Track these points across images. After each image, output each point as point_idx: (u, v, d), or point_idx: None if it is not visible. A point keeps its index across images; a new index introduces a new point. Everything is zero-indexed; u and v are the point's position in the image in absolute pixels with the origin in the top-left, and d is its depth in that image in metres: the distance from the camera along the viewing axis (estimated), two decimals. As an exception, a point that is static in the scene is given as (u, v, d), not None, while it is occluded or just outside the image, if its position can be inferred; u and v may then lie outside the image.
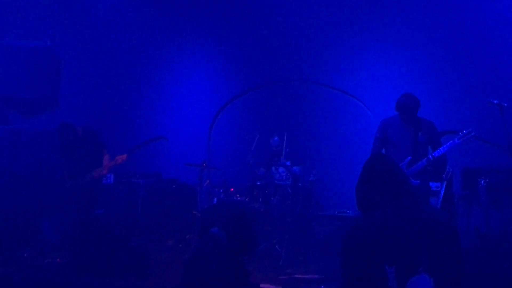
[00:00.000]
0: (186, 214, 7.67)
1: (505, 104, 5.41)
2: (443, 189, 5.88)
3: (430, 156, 5.12)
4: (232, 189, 7.10)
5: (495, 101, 5.41)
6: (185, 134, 8.69)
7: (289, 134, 7.26)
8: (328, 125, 7.95)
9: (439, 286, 2.17)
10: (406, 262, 2.17)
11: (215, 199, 7.14)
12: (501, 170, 6.07)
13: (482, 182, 5.93)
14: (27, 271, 5.37)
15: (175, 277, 4.50)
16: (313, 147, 7.51)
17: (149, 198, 7.81)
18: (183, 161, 7.98)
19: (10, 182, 6.67)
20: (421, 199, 5.19)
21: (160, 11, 8.59)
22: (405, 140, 5.20)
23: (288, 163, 6.92)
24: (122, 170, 7.98)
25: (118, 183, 7.78)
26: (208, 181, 7.36)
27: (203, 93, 8.76)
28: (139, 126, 8.96)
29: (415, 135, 5.20)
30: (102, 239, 5.57)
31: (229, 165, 7.98)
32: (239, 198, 7.10)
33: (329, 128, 7.89)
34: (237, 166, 7.94)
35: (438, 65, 7.31)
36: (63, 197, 6.03)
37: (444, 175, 5.97)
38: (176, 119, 8.83)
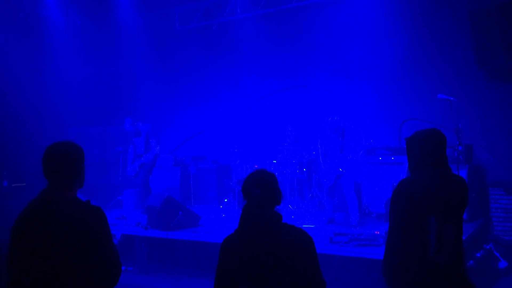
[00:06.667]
0: (224, 184, 8.28)
1: (452, 99, 6.05)
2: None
3: None
4: (256, 166, 7.65)
5: (444, 97, 6.02)
6: (223, 126, 9.31)
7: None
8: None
9: (456, 230, 2.40)
10: (442, 213, 2.33)
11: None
12: (449, 146, 6.49)
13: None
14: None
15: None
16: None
17: (198, 174, 8.51)
18: (221, 146, 8.76)
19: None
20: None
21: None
22: None
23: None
24: (179, 155, 8.84)
25: (176, 164, 8.58)
26: (238, 160, 7.92)
27: (235, 96, 9.41)
28: (189, 122, 9.74)
29: None
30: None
31: (256, 148, 8.38)
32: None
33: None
34: (261, 148, 8.31)
35: (402, 63, 7.61)
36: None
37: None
38: (213, 115, 9.52)
